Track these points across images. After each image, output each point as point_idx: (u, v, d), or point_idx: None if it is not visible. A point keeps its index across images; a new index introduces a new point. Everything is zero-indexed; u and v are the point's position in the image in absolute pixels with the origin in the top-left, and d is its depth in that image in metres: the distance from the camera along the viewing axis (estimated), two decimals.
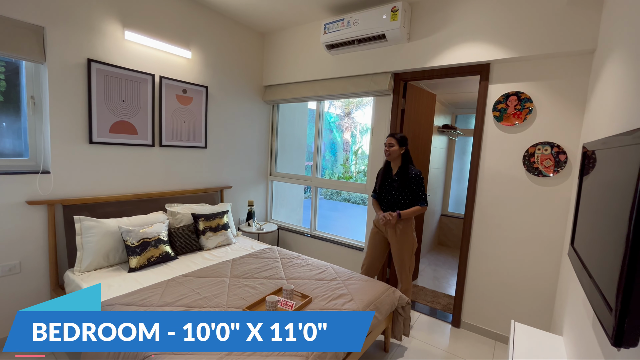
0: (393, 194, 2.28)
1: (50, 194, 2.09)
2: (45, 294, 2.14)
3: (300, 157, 4.49)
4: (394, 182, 2.28)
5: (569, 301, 1.65)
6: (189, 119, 2.84)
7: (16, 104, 2.07)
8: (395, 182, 2.27)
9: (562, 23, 1.95)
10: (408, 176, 2.23)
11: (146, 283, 1.93)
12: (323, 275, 2.20)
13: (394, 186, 2.28)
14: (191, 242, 2.50)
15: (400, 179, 2.26)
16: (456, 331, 2.50)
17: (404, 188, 2.24)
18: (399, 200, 2.27)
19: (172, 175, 2.80)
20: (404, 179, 2.24)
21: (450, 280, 3.53)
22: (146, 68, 2.51)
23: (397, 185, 2.25)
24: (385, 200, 2.33)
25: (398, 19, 2.36)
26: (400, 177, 2.26)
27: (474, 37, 2.26)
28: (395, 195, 2.27)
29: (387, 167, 2.35)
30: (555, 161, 2.07)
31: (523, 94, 2.16)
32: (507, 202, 2.28)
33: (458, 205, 5.16)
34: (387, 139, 2.27)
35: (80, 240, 2.06)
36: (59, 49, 2.05)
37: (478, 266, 2.43)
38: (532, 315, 2.22)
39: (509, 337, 1.58)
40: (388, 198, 2.31)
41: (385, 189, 2.33)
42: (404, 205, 2.26)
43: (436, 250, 4.66)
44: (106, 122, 2.31)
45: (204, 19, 2.88)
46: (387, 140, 2.26)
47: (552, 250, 2.12)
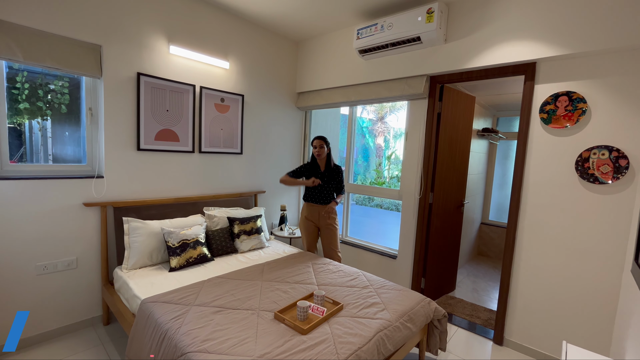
0: (324, 186, 2.73)
1: (103, 196, 2.29)
2: (97, 288, 2.33)
3: None
4: (325, 177, 2.72)
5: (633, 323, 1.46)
6: (226, 126, 2.97)
7: (77, 115, 2.30)
8: (325, 177, 2.73)
9: (618, 15, 1.77)
10: (336, 170, 2.77)
11: (185, 282, 2.03)
12: (355, 283, 2.16)
13: (324, 180, 2.72)
14: (226, 245, 2.59)
15: (329, 173, 2.74)
16: (498, 349, 2.32)
17: (333, 180, 2.74)
18: (326, 191, 2.74)
19: (210, 180, 2.93)
20: (332, 173, 2.74)
21: (492, 293, 3.31)
22: (188, 79, 2.67)
23: (328, 179, 2.73)
24: (315, 193, 2.75)
25: (434, 20, 2.29)
26: (329, 171, 2.74)
27: (517, 35, 2.12)
28: (324, 187, 2.74)
29: (314, 165, 2.75)
30: (614, 167, 1.87)
31: (575, 93, 1.98)
32: (557, 211, 2.09)
33: (500, 214, 4.84)
34: (315, 142, 2.68)
35: (128, 240, 2.22)
36: (113, 64, 2.25)
37: (524, 279, 2.25)
38: (587, 336, 2.00)
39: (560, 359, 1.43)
40: (315, 190, 2.74)
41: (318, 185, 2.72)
42: (332, 194, 2.78)
43: (475, 261, 4.40)
44: (152, 130, 2.48)
45: (241, 30, 3.01)
46: (317, 143, 2.67)
47: (611, 265, 1.91)
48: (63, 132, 2.30)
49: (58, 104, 2.22)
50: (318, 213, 2.76)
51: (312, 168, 2.76)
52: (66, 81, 2.23)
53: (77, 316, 2.26)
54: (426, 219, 2.81)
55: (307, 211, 2.81)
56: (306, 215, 2.82)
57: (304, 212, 2.85)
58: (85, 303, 2.28)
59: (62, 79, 2.21)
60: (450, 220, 3.12)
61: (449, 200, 3.05)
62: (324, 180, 2.72)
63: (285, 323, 1.59)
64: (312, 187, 2.74)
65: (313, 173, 2.74)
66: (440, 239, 3.01)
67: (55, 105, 2.21)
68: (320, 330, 1.56)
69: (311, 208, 2.79)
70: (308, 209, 2.81)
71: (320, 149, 2.67)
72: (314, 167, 2.75)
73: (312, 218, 2.80)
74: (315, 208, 2.77)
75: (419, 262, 2.83)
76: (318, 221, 2.79)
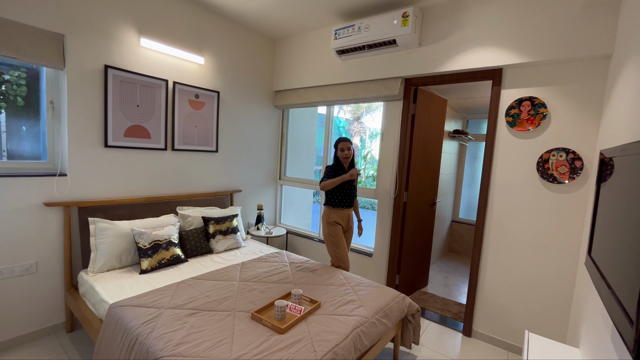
0: (351, 188, 2.62)
1: (66, 196, 2.15)
2: (60, 293, 2.19)
3: (310, 162, 4.50)
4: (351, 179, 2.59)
5: (587, 312, 1.60)
6: (200, 123, 2.89)
7: (36, 109, 2.14)
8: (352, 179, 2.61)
9: (578, 27, 1.92)
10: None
11: (157, 285, 1.95)
12: (332, 281, 2.18)
13: (350, 182, 2.61)
14: (201, 245, 2.53)
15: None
16: (467, 340, 2.44)
17: (354, 182, 2.65)
18: (352, 192, 2.64)
19: (184, 179, 2.84)
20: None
21: (462, 287, 3.47)
22: (160, 74, 2.57)
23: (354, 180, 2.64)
24: (344, 196, 2.59)
25: (409, 24, 2.36)
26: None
27: (486, 42, 2.24)
28: (353, 189, 2.64)
29: (340, 167, 2.59)
30: (570, 167, 2.02)
31: (537, 99, 2.12)
32: (520, 209, 2.23)
33: (469, 212, 5.08)
34: (345, 144, 2.56)
35: (94, 241, 2.11)
36: (78, 55, 2.12)
37: (490, 274, 2.38)
38: (547, 325, 2.15)
39: (523, 348, 1.54)
40: (347, 193, 2.60)
41: (346, 185, 2.58)
42: (355, 196, 2.70)
43: (447, 257, 4.59)
44: (121, 126, 2.36)
45: (217, 26, 2.94)
46: (346, 145, 2.57)
47: (568, 259, 2.06)
48: (19, 126, 2.14)
49: (14, 95, 2.05)
50: (348, 217, 2.64)
51: (337, 171, 2.59)
52: (23, 71, 2.07)
53: (38, 324, 2.11)
54: (401, 218, 2.89)
55: (337, 216, 2.57)
56: (335, 219, 2.58)
57: (331, 217, 2.58)
58: (46, 309, 2.14)
59: (18, 69, 2.05)
60: (423, 218, 3.24)
61: (422, 199, 3.15)
62: (350, 181, 2.59)
63: (263, 323, 1.58)
64: (342, 190, 2.57)
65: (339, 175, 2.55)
66: (414, 237, 3.11)
67: (10, 97, 2.04)
68: (298, 329, 1.57)
69: (341, 213, 2.59)
70: (337, 214, 2.58)
71: (348, 151, 2.56)
72: (339, 170, 2.58)
73: (343, 222, 2.61)
74: (345, 212, 2.61)
75: (394, 259, 2.91)
76: (347, 225, 2.67)
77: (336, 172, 2.57)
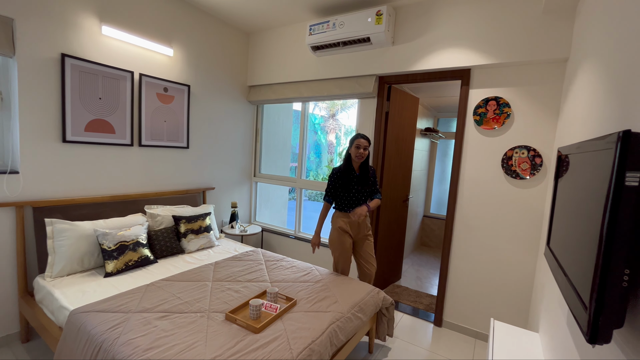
0: (360, 191, 2.30)
1: (18, 195, 1.98)
2: (12, 301, 2.01)
3: (285, 158, 4.46)
4: (360, 180, 2.30)
5: (545, 299, 1.71)
6: (170, 118, 2.76)
7: None
8: (361, 180, 2.30)
9: (538, 32, 2.03)
10: (369, 173, 2.33)
11: (124, 288, 1.85)
12: (308, 278, 2.18)
13: (360, 183, 2.30)
14: (172, 245, 2.43)
15: (362, 176, 2.31)
16: (438, 330, 2.54)
17: (366, 184, 2.31)
18: (363, 196, 2.32)
19: (152, 176, 2.71)
20: (366, 176, 2.31)
21: (433, 280, 3.60)
22: (125, 65, 2.42)
23: (363, 183, 2.30)
24: (350, 200, 2.31)
25: (383, 22, 2.39)
26: (362, 174, 2.31)
27: (456, 43, 2.32)
28: (361, 192, 2.31)
29: (348, 169, 2.29)
30: (531, 164, 2.15)
31: (502, 99, 2.23)
32: (486, 204, 2.35)
33: (440, 207, 5.27)
34: (362, 142, 2.21)
35: (52, 244, 1.96)
36: (30, 42, 1.94)
37: (459, 266, 2.49)
38: (510, 313, 2.29)
39: (489, 335, 1.62)
40: (353, 197, 2.30)
41: (353, 188, 2.29)
42: (366, 200, 2.35)
43: (419, 251, 4.74)
44: (81, 120, 2.21)
45: (187, 16, 2.81)
46: (363, 143, 2.21)
47: (529, 250, 2.20)
48: None
49: None
50: (358, 225, 2.33)
51: (345, 172, 2.28)
52: None
53: None
54: (376, 213, 2.95)
55: (343, 222, 2.32)
56: (340, 225, 2.32)
57: (337, 222, 2.34)
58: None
59: None
60: (397, 213, 3.32)
61: (395, 195, 3.23)
62: (359, 183, 2.29)
63: (237, 323, 1.55)
64: (349, 193, 2.29)
65: (347, 177, 2.28)
66: (388, 232, 3.19)
67: None
68: (273, 327, 1.55)
69: (348, 219, 2.31)
70: (343, 220, 2.32)
71: (364, 151, 2.22)
72: (347, 170, 2.28)
73: (351, 230, 2.33)
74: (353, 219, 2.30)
75: None
76: (357, 233, 2.35)
77: (340, 176, 2.29)
